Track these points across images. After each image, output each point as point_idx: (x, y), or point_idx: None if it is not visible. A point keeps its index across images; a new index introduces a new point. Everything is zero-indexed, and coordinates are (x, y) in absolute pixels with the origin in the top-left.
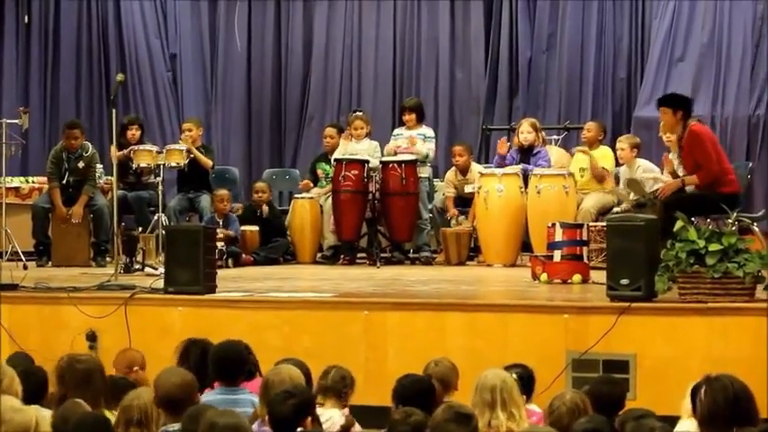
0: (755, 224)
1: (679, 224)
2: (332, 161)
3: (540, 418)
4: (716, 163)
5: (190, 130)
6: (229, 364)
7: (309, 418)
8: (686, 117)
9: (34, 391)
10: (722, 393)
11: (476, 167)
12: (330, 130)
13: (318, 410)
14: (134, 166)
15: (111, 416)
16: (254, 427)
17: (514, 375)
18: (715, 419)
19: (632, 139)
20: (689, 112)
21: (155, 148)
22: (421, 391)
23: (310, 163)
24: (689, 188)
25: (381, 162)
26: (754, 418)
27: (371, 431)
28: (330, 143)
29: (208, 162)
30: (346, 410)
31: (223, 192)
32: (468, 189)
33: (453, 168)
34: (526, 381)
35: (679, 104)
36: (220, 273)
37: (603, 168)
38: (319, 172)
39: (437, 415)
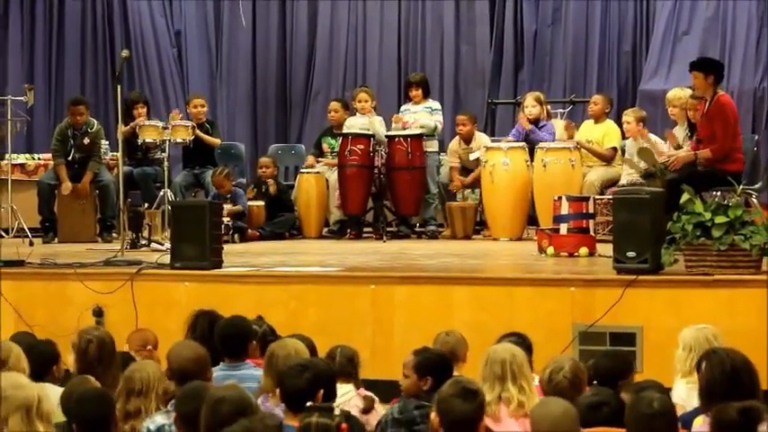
0: (754, 196)
1: (685, 197)
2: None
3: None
4: (731, 139)
5: (203, 106)
6: (234, 340)
7: (322, 392)
8: (717, 82)
9: (43, 365)
10: (719, 368)
11: (479, 136)
12: (335, 105)
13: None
14: (139, 141)
15: None
16: (259, 401)
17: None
18: (713, 393)
19: (638, 112)
20: (720, 77)
21: (160, 124)
22: (440, 366)
23: (316, 137)
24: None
25: (387, 136)
26: (755, 391)
27: None
28: (335, 117)
29: (216, 141)
30: (362, 390)
31: (219, 176)
32: (472, 157)
33: (457, 138)
34: (523, 350)
35: (710, 69)
36: (226, 248)
37: (609, 149)
38: (325, 146)
39: (443, 390)
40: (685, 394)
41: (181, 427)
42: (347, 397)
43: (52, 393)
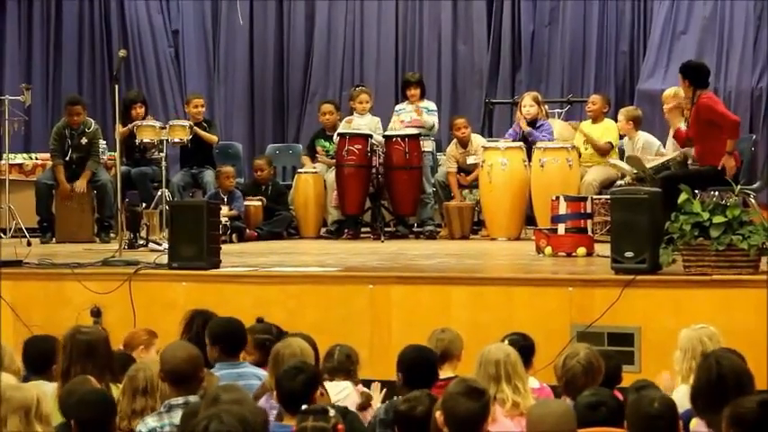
0: (752, 196)
1: (683, 197)
2: (334, 137)
3: (539, 394)
4: (732, 116)
5: (202, 106)
6: (229, 339)
7: (319, 392)
8: (694, 86)
9: (42, 361)
10: (706, 374)
11: (476, 138)
12: (328, 107)
13: (332, 383)
14: (137, 141)
15: (117, 389)
16: (263, 400)
17: (506, 342)
18: (699, 398)
19: (631, 111)
20: (697, 82)
21: (158, 124)
22: (423, 362)
23: (309, 139)
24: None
25: (385, 136)
26: (749, 394)
27: None
28: (330, 119)
29: (213, 138)
30: (360, 387)
31: (228, 168)
32: (470, 160)
33: (454, 141)
34: (525, 350)
35: (685, 73)
36: (224, 248)
37: (606, 143)
38: (318, 149)
39: (450, 388)
40: (682, 400)
41: None
42: (345, 393)
43: (50, 391)
